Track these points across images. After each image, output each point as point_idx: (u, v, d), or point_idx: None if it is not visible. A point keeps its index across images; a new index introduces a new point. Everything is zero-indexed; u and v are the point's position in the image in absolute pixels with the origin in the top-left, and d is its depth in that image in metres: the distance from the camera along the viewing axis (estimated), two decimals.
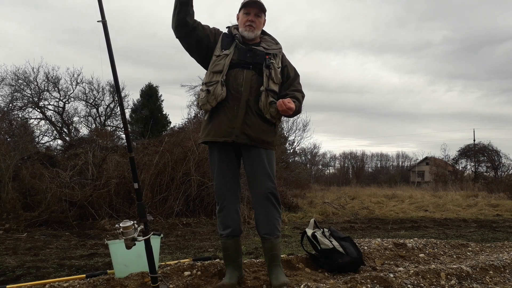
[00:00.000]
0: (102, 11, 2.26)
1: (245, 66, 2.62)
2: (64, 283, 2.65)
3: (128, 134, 2.50)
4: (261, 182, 2.63)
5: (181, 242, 5.15)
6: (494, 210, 10.42)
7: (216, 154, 2.66)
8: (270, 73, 2.62)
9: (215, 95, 2.55)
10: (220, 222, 2.67)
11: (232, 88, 2.57)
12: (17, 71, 20.58)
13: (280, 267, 2.68)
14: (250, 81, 2.59)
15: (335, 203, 10.83)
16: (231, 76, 2.59)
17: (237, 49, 2.65)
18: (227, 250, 2.65)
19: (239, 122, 2.55)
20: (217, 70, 2.60)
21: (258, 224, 2.68)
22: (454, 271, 2.85)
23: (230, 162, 2.66)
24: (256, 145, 2.60)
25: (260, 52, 2.67)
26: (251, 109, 2.58)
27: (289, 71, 2.78)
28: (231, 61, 2.61)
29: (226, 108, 2.57)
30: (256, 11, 2.71)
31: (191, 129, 9.45)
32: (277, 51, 2.74)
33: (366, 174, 37.34)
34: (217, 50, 2.67)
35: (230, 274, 2.61)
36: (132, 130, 21.05)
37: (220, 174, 2.65)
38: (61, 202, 6.72)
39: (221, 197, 2.65)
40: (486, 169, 29.89)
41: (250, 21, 2.69)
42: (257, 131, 2.58)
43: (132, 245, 2.28)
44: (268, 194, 2.63)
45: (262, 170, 2.64)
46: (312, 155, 34.34)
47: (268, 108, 2.58)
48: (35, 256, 4.18)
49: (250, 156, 2.64)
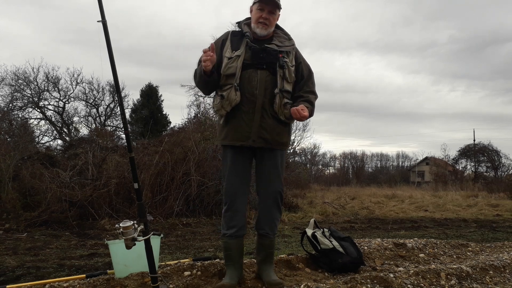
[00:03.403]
0: (102, 11, 2.26)
1: (258, 66, 2.55)
2: (64, 283, 2.65)
3: (128, 134, 2.50)
4: (271, 183, 2.65)
5: (181, 242, 5.15)
6: (494, 210, 10.42)
7: (230, 155, 2.64)
8: (284, 73, 2.56)
9: (229, 100, 2.52)
10: (225, 221, 2.64)
11: (247, 92, 2.53)
12: (17, 71, 20.60)
13: (273, 266, 2.75)
14: (265, 83, 2.54)
15: (335, 203, 10.83)
16: (245, 78, 2.53)
17: (248, 49, 2.57)
18: (229, 250, 2.63)
19: (255, 127, 2.53)
20: (230, 73, 2.55)
21: (260, 222, 2.70)
22: (454, 271, 2.85)
23: (244, 164, 2.65)
24: (271, 147, 2.60)
25: (273, 51, 2.57)
26: (266, 112, 2.55)
27: (304, 69, 2.71)
28: (244, 61, 2.55)
29: (242, 113, 2.54)
30: (271, 8, 2.60)
31: (191, 129, 9.45)
32: (290, 48, 2.66)
33: (366, 174, 37.25)
34: (228, 51, 2.59)
35: (230, 274, 2.60)
36: (132, 130, 21.03)
37: (233, 175, 2.63)
38: (61, 202, 6.71)
39: (231, 197, 2.62)
40: (486, 169, 29.91)
41: (264, 19, 2.59)
42: (273, 133, 2.57)
43: (132, 245, 2.28)
44: (277, 195, 2.67)
45: (274, 171, 2.65)
46: (312, 155, 34.34)
47: (282, 109, 2.56)
48: (35, 256, 4.18)
49: (265, 157, 2.64)
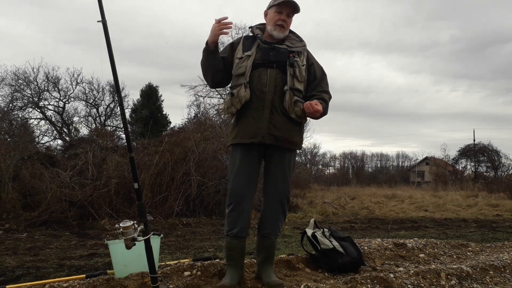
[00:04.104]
0: (102, 11, 2.26)
1: (268, 65, 2.56)
2: (64, 283, 2.64)
3: (128, 134, 2.49)
4: (278, 185, 2.65)
5: (181, 242, 5.15)
6: (494, 210, 10.43)
7: (239, 155, 2.62)
8: (294, 72, 2.56)
9: (239, 97, 2.53)
10: (230, 221, 2.61)
11: (256, 89, 2.54)
12: (17, 71, 20.65)
13: (273, 266, 2.73)
14: (275, 80, 2.55)
15: (335, 203, 10.82)
16: (255, 76, 2.55)
17: (259, 49, 2.60)
18: (231, 250, 2.61)
19: (265, 123, 2.52)
20: (240, 72, 2.57)
21: (263, 222, 2.69)
22: (454, 271, 2.85)
23: (252, 164, 2.63)
24: (281, 145, 2.59)
25: (283, 50, 2.58)
26: (276, 108, 2.54)
27: (316, 70, 2.71)
28: (254, 61, 2.56)
29: (252, 109, 2.54)
30: (289, 11, 2.61)
31: (191, 129, 9.45)
32: (301, 48, 2.66)
33: (366, 174, 37.21)
34: (239, 52, 2.63)
35: (231, 275, 2.58)
36: (132, 130, 21.03)
37: (241, 174, 2.61)
38: (61, 202, 6.71)
39: (237, 197, 2.59)
40: (486, 169, 29.91)
41: (282, 21, 2.60)
42: (283, 130, 2.56)
43: (132, 245, 2.27)
44: (283, 198, 2.67)
45: (282, 173, 2.65)
46: (312, 155, 34.33)
47: (293, 107, 2.55)
48: (35, 256, 4.17)
49: (273, 158, 2.63)
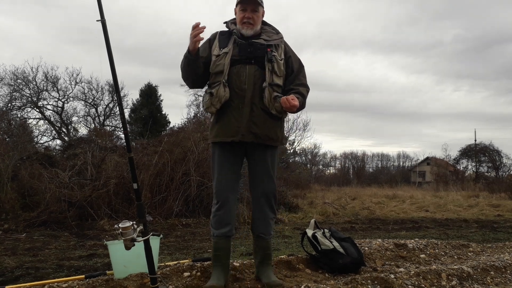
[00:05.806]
0: (101, 11, 2.25)
1: (246, 61, 2.55)
2: (63, 283, 2.63)
3: (127, 134, 2.48)
4: (263, 182, 2.64)
5: (180, 242, 5.14)
6: (495, 211, 10.42)
7: (220, 153, 2.62)
8: (272, 67, 2.55)
9: (218, 97, 2.51)
10: (216, 220, 2.60)
11: (236, 86, 2.53)
12: (16, 71, 20.62)
13: (271, 267, 2.71)
14: (253, 77, 2.54)
15: (336, 204, 10.81)
16: (234, 73, 2.54)
17: (236, 45, 2.58)
18: (218, 250, 2.59)
19: (245, 121, 2.52)
20: (218, 70, 2.55)
21: (255, 223, 2.69)
22: (455, 271, 2.84)
23: (233, 162, 2.63)
24: (262, 143, 2.58)
25: (261, 46, 2.57)
26: (256, 105, 2.54)
27: (293, 63, 2.70)
28: (232, 57, 2.54)
29: (232, 108, 2.53)
30: (252, 7, 2.59)
31: (191, 129, 9.44)
32: (279, 41, 2.65)
33: (366, 174, 37.23)
34: (216, 49, 2.61)
35: (218, 275, 2.54)
36: (131, 130, 20.99)
37: (223, 173, 2.61)
38: (60, 202, 6.70)
39: (222, 196, 2.59)
40: (487, 169, 29.94)
41: (247, 18, 2.59)
42: (264, 127, 2.55)
43: (131, 245, 2.26)
44: (269, 195, 2.65)
45: (266, 171, 2.64)
46: (312, 155, 34.32)
47: (273, 103, 2.54)
48: (34, 257, 4.16)
49: (255, 156, 2.62)
